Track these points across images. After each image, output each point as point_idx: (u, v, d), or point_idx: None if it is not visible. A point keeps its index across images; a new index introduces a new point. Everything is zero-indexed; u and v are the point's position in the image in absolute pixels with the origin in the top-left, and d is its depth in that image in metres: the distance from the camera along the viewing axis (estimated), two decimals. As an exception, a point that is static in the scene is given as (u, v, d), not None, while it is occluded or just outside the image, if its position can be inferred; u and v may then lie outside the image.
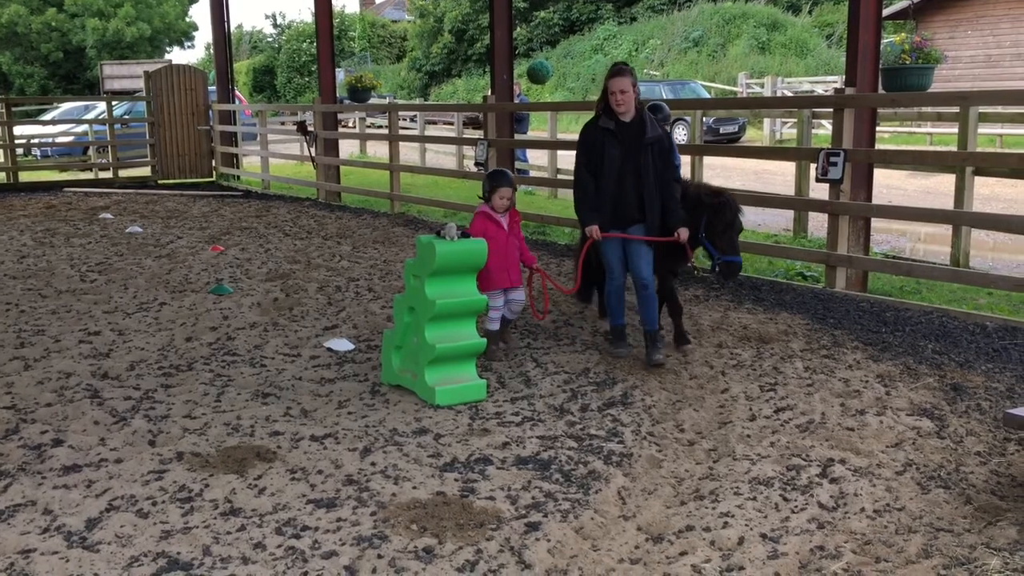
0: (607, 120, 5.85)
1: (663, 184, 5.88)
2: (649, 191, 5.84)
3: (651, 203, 5.85)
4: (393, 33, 55.13)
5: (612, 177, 5.83)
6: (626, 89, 5.71)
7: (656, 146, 5.84)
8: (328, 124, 15.76)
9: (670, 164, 5.93)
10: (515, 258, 6.17)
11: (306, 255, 10.25)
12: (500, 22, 12.30)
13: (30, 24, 41.37)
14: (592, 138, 5.91)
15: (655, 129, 5.86)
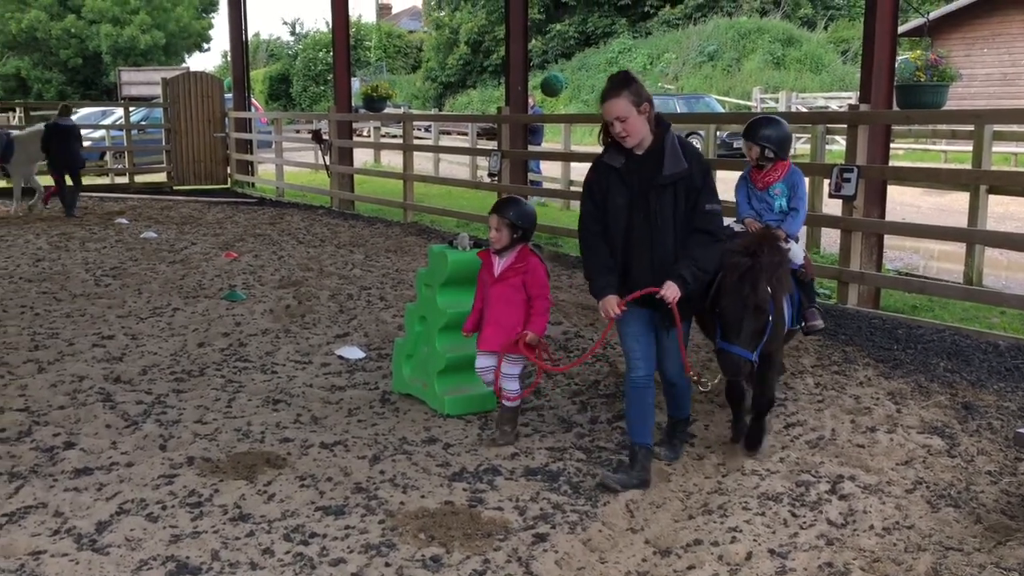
0: (614, 154, 4.28)
1: (686, 237, 4.21)
2: (661, 249, 4.19)
3: (664, 267, 4.19)
4: (409, 43, 55.37)
5: (618, 233, 4.27)
6: (625, 115, 4.11)
7: (678, 186, 4.17)
8: (343, 133, 15.85)
9: (699, 210, 4.20)
10: (500, 314, 4.90)
11: (319, 263, 10.29)
12: (515, 34, 12.35)
13: (49, 30, 41.78)
14: (596, 179, 4.35)
15: (679, 161, 4.17)
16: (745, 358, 4.19)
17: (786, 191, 5.20)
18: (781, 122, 5.23)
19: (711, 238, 4.22)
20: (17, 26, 41.83)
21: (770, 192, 5.23)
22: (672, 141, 4.23)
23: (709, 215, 4.23)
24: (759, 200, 5.29)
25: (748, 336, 4.20)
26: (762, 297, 4.18)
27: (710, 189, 4.26)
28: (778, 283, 4.35)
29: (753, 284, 4.16)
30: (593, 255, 4.36)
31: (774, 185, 5.22)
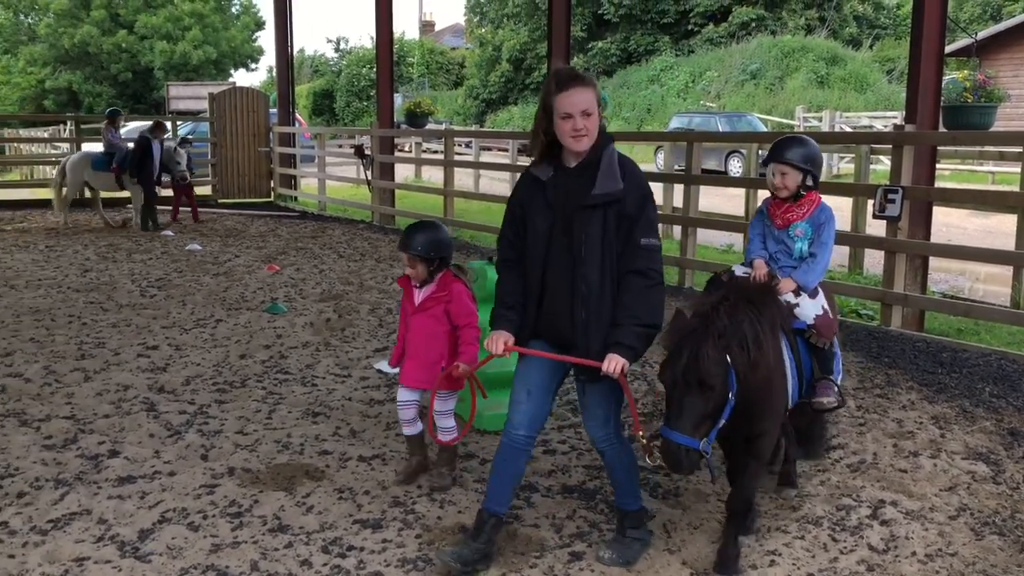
0: (543, 166, 3.57)
1: (618, 276, 3.47)
2: (583, 285, 3.46)
3: (587, 310, 3.47)
4: (451, 60, 55.79)
5: (535, 260, 3.54)
6: (592, 110, 3.43)
7: (609, 211, 3.44)
8: (385, 148, 15.99)
9: (633, 244, 3.44)
10: (420, 347, 4.45)
11: (359, 277, 10.37)
12: (557, 52, 12.40)
13: (101, 45, 42.70)
14: (518, 194, 3.65)
15: (613, 181, 3.44)
16: (688, 447, 3.25)
17: (810, 232, 4.12)
18: (813, 142, 4.23)
19: (647, 281, 3.43)
20: (70, 41, 42.85)
21: (790, 232, 4.17)
22: (611, 156, 3.50)
23: (645, 251, 3.43)
24: (776, 241, 4.23)
25: (691, 420, 3.26)
26: (707, 370, 3.23)
27: (647, 220, 3.47)
28: (742, 350, 3.33)
29: (694, 353, 3.25)
30: (501, 285, 3.67)
31: (796, 224, 4.16)
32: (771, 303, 3.68)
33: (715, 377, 3.25)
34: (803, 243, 4.16)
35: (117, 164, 14.13)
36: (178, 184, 14.91)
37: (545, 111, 3.49)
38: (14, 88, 45.19)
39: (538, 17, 43.51)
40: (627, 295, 3.43)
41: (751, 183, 12.50)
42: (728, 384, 3.30)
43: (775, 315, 3.64)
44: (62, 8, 43.14)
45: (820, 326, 4.04)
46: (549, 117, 3.47)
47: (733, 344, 3.31)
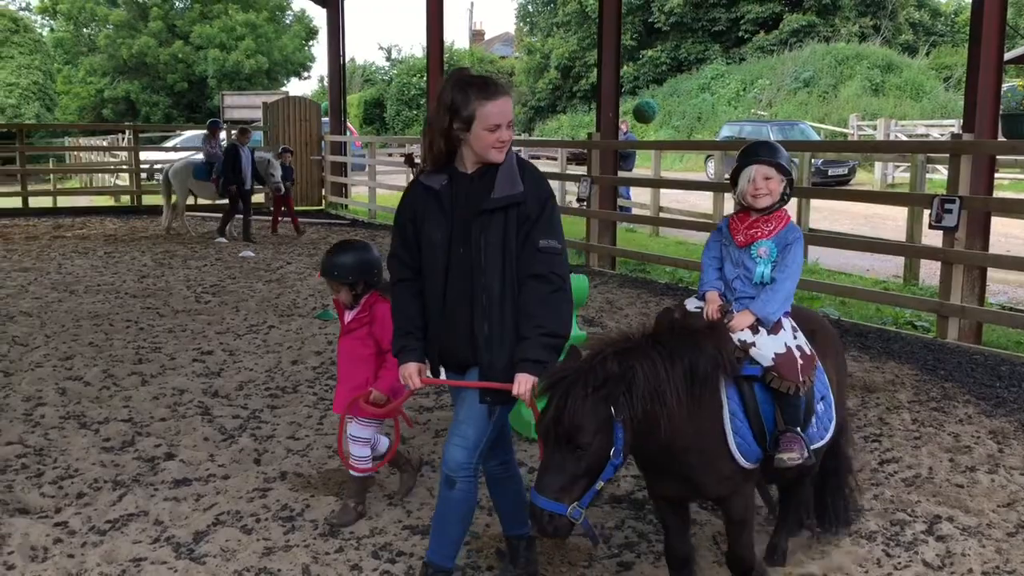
0: (434, 174, 3.33)
1: (520, 285, 3.22)
2: (485, 297, 3.22)
3: (490, 324, 3.23)
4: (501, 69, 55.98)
5: (435, 275, 3.29)
6: (513, 119, 3.27)
7: (509, 215, 3.21)
8: (435, 157, 16.05)
9: (531, 246, 3.20)
10: (346, 372, 4.22)
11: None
12: (608, 60, 12.39)
13: (158, 55, 43.60)
14: (408, 206, 3.41)
15: (513, 184, 3.22)
16: (555, 513, 2.82)
17: (775, 254, 3.43)
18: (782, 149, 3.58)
19: (548, 286, 3.17)
20: (128, 51, 43.81)
21: (752, 252, 3.46)
22: (511, 160, 3.27)
23: (544, 255, 3.19)
24: (735, 264, 3.50)
25: (559, 481, 2.82)
26: (576, 425, 2.78)
27: (548, 222, 3.23)
28: (633, 402, 2.86)
29: (562, 404, 2.81)
30: (397, 310, 3.39)
31: (760, 242, 3.44)
32: (709, 346, 3.09)
33: (586, 433, 2.79)
34: (766, 266, 3.43)
35: (216, 174, 14.23)
36: (275, 195, 14.84)
37: (457, 117, 3.18)
38: (74, 98, 46.31)
39: (588, 25, 43.53)
40: (528, 303, 3.17)
41: (803, 192, 12.35)
42: (610, 441, 2.83)
43: (709, 361, 3.06)
44: (121, 20, 44.15)
45: (782, 367, 3.27)
46: (465, 124, 3.18)
47: (619, 394, 2.83)
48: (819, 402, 3.45)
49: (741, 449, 3.19)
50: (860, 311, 9.25)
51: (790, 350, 3.33)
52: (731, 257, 3.52)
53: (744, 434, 3.21)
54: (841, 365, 3.81)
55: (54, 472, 4.76)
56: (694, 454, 3.13)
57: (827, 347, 3.65)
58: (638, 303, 9.50)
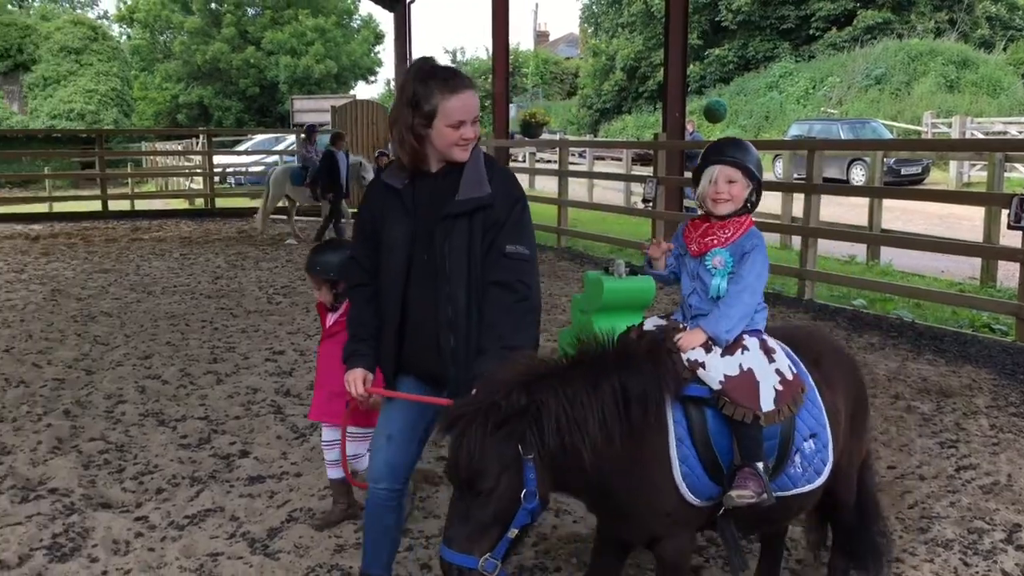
0: (395, 172, 3.12)
1: (486, 294, 2.98)
2: (450, 307, 3.00)
3: (456, 337, 3.01)
4: (565, 70, 55.98)
5: (394, 279, 3.07)
6: (478, 115, 3.03)
7: (475, 219, 2.99)
8: (500, 158, 16.18)
9: (497, 251, 2.98)
10: (326, 377, 4.02)
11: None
12: (674, 60, 12.32)
13: (231, 61, 44.63)
14: (368, 207, 3.19)
15: (479, 185, 3.01)
16: (464, 567, 2.52)
17: (730, 264, 2.99)
18: (751, 145, 3.14)
19: (513, 296, 2.93)
20: (202, 57, 44.93)
21: (706, 262, 3.03)
22: (476, 158, 3.05)
23: (511, 261, 2.95)
24: (691, 276, 3.09)
25: (466, 530, 2.53)
26: (475, 467, 2.50)
27: (516, 226, 2.99)
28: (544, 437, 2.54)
29: (455, 449, 2.55)
30: (351, 315, 3.22)
31: (715, 251, 3.02)
32: (646, 364, 2.75)
33: (487, 477, 2.49)
34: (722, 279, 2.98)
35: (310, 178, 14.29)
36: None
37: (418, 112, 2.95)
38: (150, 103, 47.66)
39: (653, 26, 43.26)
40: (491, 313, 2.93)
41: (875, 192, 12.12)
42: (519, 483, 2.52)
43: (646, 380, 2.71)
44: (195, 27, 45.31)
45: (732, 391, 2.83)
46: (427, 120, 2.95)
47: (524, 430, 2.52)
48: (807, 439, 2.97)
49: (688, 480, 2.81)
50: (935, 314, 9.03)
51: (746, 373, 2.87)
52: (687, 268, 3.11)
53: (692, 464, 2.81)
54: (859, 397, 3.28)
55: (134, 468, 4.92)
56: (635, 485, 2.79)
57: (836, 377, 3.16)
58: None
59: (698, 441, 2.83)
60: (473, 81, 3.05)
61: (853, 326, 8.34)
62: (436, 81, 2.94)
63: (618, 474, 2.75)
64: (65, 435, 5.40)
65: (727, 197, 3.02)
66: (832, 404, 3.07)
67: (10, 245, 14.11)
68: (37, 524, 4.21)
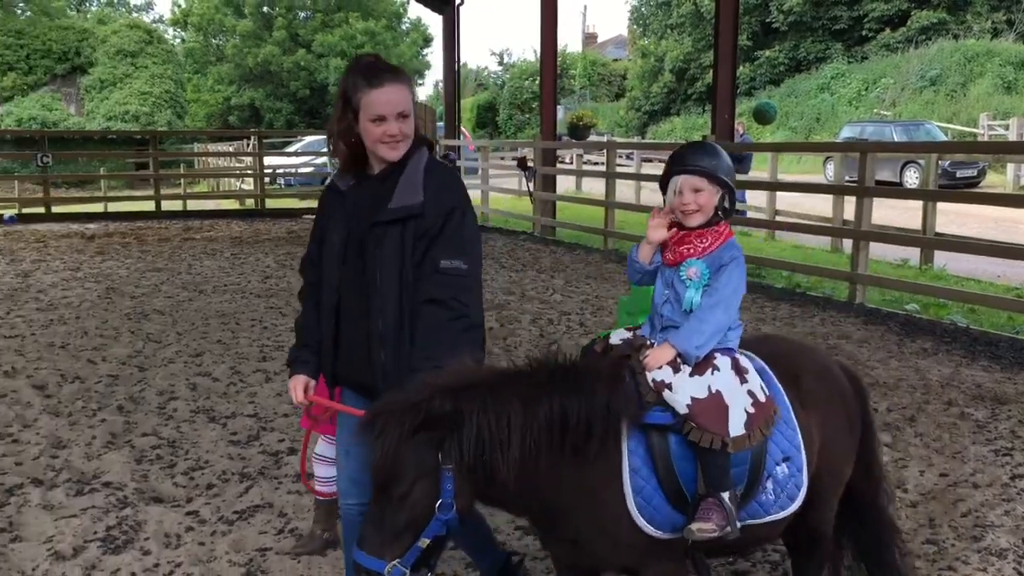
0: (343, 175, 3.01)
1: (420, 311, 2.80)
2: (380, 321, 2.86)
3: (385, 352, 2.86)
4: (613, 72, 55.78)
5: (329, 285, 2.98)
6: (408, 110, 2.86)
7: (407, 229, 2.83)
8: (547, 160, 16.17)
9: (431, 266, 2.81)
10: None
11: (520, 287, 10.53)
12: (724, 61, 12.22)
13: (282, 63, 45.22)
14: (320, 208, 3.11)
15: (413, 192, 2.85)
16: (369, 571, 2.41)
17: (706, 276, 2.80)
18: (723, 152, 2.92)
19: (448, 314, 2.76)
20: (254, 60, 45.58)
21: (680, 273, 2.84)
22: (417, 162, 2.88)
23: (447, 277, 2.78)
24: (666, 284, 2.88)
25: (380, 533, 2.41)
26: (387, 470, 2.39)
27: (452, 238, 2.81)
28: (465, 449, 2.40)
29: (373, 448, 2.43)
30: (300, 319, 3.12)
31: (690, 262, 2.82)
32: (598, 387, 2.55)
33: (402, 482, 2.38)
34: (696, 291, 2.78)
35: None
36: None
37: (348, 107, 2.86)
38: (203, 105, 48.43)
39: (703, 27, 42.94)
40: (425, 332, 2.76)
41: (929, 195, 11.90)
42: (436, 492, 2.39)
43: (594, 405, 2.52)
44: (247, 30, 45.98)
45: (699, 415, 2.63)
46: (354, 115, 2.85)
47: (444, 438, 2.39)
48: (780, 463, 2.77)
49: (645, 513, 2.60)
50: (991, 319, 8.84)
51: (715, 395, 2.67)
52: (663, 276, 2.90)
53: (649, 495, 2.61)
54: (851, 416, 3.06)
55: (185, 463, 5.00)
56: (582, 516, 2.62)
57: (817, 397, 2.94)
58: (753, 308, 9.33)
59: (659, 469, 2.63)
60: (403, 75, 2.89)
61: (905, 331, 8.20)
62: (360, 75, 2.84)
63: (564, 500, 2.59)
64: (119, 430, 5.51)
65: (695, 208, 2.82)
66: (806, 426, 2.86)
67: (66, 244, 14.44)
68: (91, 517, 4.30)
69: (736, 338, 2.85)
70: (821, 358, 3.19)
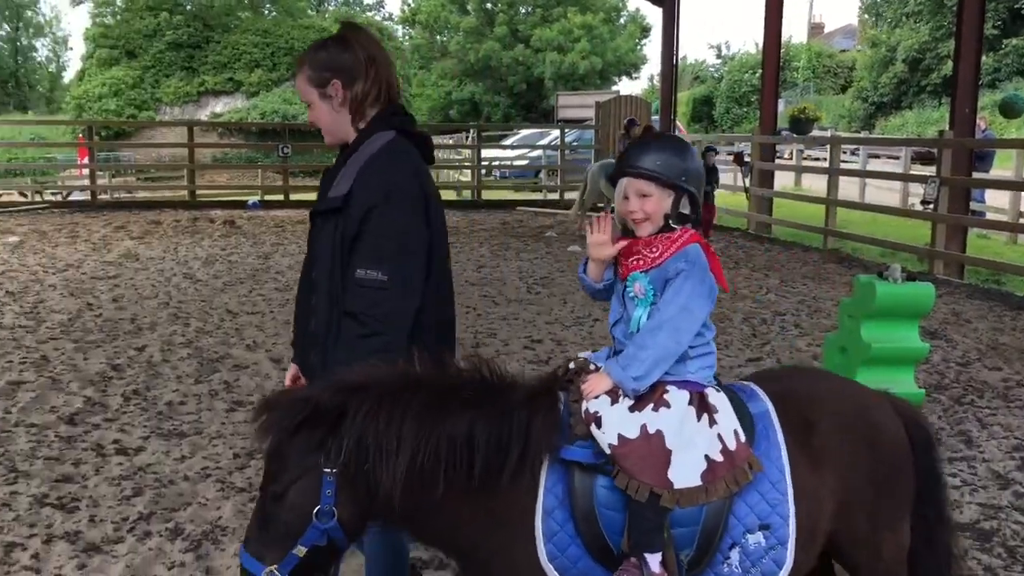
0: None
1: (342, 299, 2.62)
2: (316, 320, 2.71)
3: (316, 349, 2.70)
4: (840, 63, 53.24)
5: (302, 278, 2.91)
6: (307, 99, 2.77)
7: (338, 225, 2.64)
8: (765, 155, 15.69)
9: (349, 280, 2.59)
10: None
11: (733, 285, 10.29)
12: (967, 50, 11.38)
13: (501, 59, 46.38)
14: None
15: (347, 181, 2.63)
16: (248, 572, 2.20)
17: (650, 294, 2.39)
18: (690, 147, 2.50)
19: (361, 329, 2.52)
20: (475, 55, 47.02)
21: (628, 287, 2.44)
22: (370, 147, 2.63)
23: (359, 289, 2.53)
24: (619, 300, 2.50)
25: (263, 535, 2.21)
26: (269, 466, 2.22)
27: (370, 243, 2.55)
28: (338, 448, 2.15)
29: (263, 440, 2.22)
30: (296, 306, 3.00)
31: (634, 275, 2.43)
32: (517, 410, 2.23)
33: (279, 480, 2.18)
34: (643, 310, 2.39)
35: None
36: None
37: None
38: (426, 100, 50.48)
39: (943, 15, 40.12)
40: (339, 345, 2.56)
41: None
42: (315, 497, 2.15)
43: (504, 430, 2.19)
44: (471, 26, 47.49)
45: (624, 458, 2.22)
46: None
47: (325, 438, 2.15)
48: (754, 532, 2.30)
49: (557, 563, 2.25)
50: None
51: (651, 436, 2.24)
52: (616, 291, 2.50)
53: (563, 543, 2.24)
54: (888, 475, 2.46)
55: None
56: (490, 556, 2.29)
57: (836, 451, 2.40)
58: (990, 316, 8.67)
59: (578, 513, 2.24)
60: (299, 64, 2.75)
61: None
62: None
63: (470, 535, 2.28)
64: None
65: (641, 216, 2.41)
66: (812, 488, 2.35)
67: (302, 229, 15.49)
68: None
69: (702, 368, 2.40)
70: (854, 401, 2.54)
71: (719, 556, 2.28)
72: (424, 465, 2.13)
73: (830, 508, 2.36)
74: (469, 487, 2.18)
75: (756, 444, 2.34)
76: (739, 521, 2.28)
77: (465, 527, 2.26)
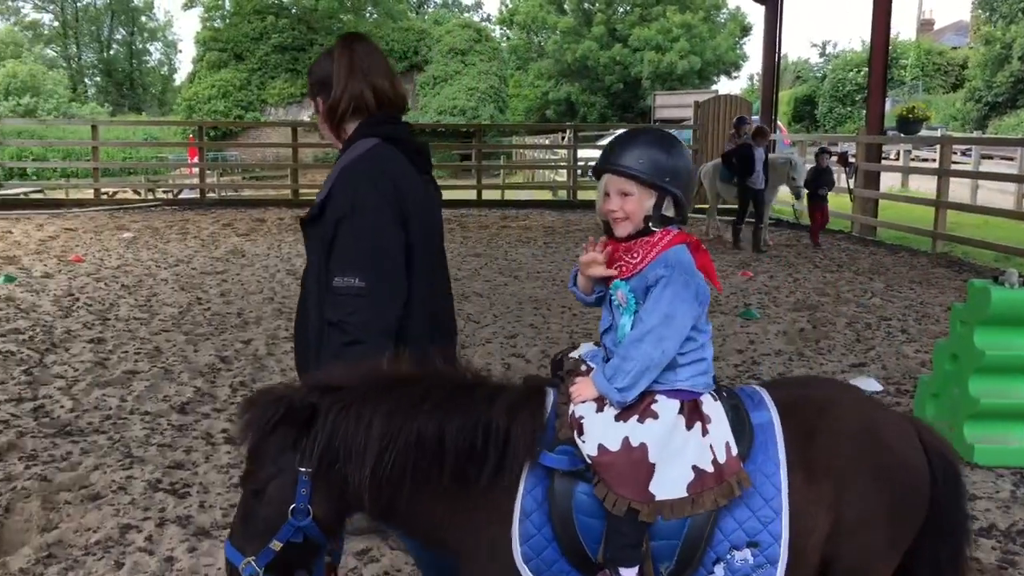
0: None
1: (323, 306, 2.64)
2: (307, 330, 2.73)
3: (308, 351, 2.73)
4: (951, 61, 51.34)
5: None
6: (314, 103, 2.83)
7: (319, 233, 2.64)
8: (871, 156, 15.25)
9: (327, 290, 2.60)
10: None
11: (835, 288, 10.04)
12: (1090, 47, 10.83)
13: (598, 58, 46.26)
14: None
15: (327, 186, 2.66)
16: (230, 563, 2.24)
17: (632, 302, 2.30)
18: (678, 142, 2.35)
19: (343, 337, 2.53)
20: (572, 55, 47.00)
21: (612, 295, 2.37)
22: (345, 158, 2.64)
23: (337, 297, 2.54)
24: (608, 307, 2.41)
25: (244, 527, 2.24)
26: (248, 463, 2.24)
27: (343, 248, 2.55)
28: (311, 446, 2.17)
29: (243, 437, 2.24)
30: None
31: (616, 284, 2.34)
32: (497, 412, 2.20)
33: (256, 476, 2.20)
34: (627, 318, 2.29)
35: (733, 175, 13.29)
36: (810, 201, 13.50)
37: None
38: (523, 100, 50.72)
39: (1062, 8, 38.27)
40: (324, 353, 2.56)
41: None
42: (290, 494, 2.17)
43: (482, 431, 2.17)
44: (568, 26, 47.50)
45: (604, 469, 2.16)
46: None
47: (299, 436, 2.16)
48: (741, 548, 2.20)
49: (532, 565, 2.21)
50: None
51: (635, 450, 2.16)
52: (608, 298, 2.40)
53: (539, 546, 2.20)
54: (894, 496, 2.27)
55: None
56: (467, 556, 2.29)
57: (836, 464, 2.25)
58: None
59: (555, 518, 2.20)
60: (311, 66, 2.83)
61: None
62: None
63: (449, 532, 2.28)
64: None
65: (621, 216, 2.30)
66: (808, 504, 2.22)
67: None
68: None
69: (695, 375, 2.29)
70: (865, 417, 2.34)
71: (702, 570, 2.21)
72: (392, 465, 2.14)
73: (825, 525, 2.23)
74: (442, 487, 2.19)
75: (752, 457, 2.24)
76: (725, 536, 2.20)
77: (444, 526, 2.27)
